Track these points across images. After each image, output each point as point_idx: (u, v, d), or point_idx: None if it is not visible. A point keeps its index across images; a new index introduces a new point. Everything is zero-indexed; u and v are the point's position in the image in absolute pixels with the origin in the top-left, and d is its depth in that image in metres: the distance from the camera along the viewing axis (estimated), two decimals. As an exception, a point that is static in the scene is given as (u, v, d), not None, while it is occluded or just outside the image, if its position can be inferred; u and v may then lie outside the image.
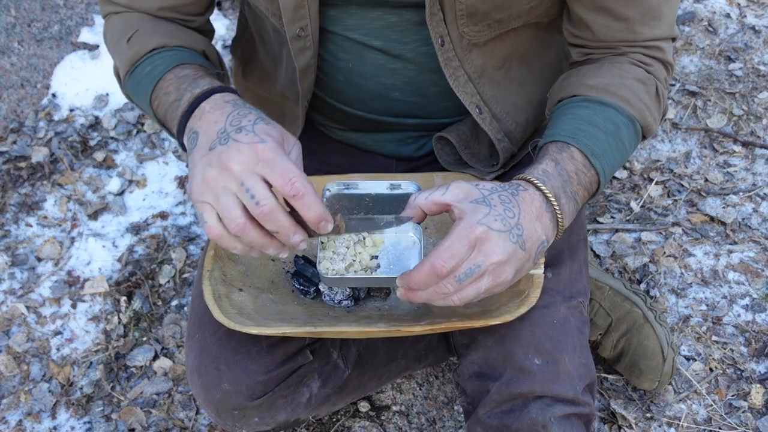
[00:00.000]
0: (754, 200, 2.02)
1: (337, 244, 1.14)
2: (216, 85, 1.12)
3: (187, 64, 1.20)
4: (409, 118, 1.36)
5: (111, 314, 1.82)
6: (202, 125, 1.06)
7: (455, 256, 0.98)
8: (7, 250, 1.94)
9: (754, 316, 1.80)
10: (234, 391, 1.25)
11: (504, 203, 1.02)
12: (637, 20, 1.19)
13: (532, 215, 1.03)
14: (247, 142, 0.99)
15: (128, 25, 1.28)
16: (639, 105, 1.19)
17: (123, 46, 1.25)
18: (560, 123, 1.16)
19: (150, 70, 1.21)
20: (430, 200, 1.06)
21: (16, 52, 2.28)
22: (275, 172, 0.98)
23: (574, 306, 1.24)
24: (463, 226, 0.99)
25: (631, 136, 1.19)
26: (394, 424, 1.65)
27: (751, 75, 2.34)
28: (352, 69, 1.29)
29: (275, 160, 0.98)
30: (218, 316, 1.12)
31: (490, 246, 0.99)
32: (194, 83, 1.14)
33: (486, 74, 1.28)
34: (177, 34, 1.26)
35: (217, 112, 1.06)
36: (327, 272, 1.12)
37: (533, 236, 1.03)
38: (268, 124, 1.04)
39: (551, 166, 1.10)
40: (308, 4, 1.19)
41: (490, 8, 1.18)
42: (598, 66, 1.23)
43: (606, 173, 1.14)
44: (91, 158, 2.14)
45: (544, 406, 1.17)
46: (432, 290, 1.01)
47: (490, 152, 1.38)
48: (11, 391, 1.71)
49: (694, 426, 1.62)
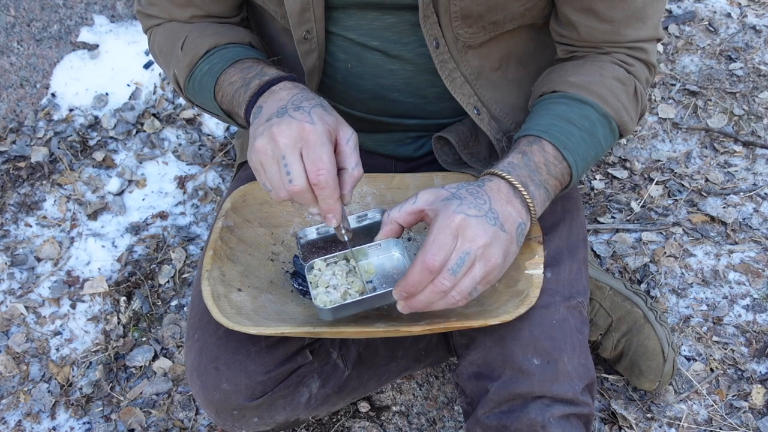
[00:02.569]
0: (754, 200, 2.02)
1: (328, 278, 1.17)
2: (285, 74, 1.18)
3: (245, 59, 1.24)
4: (407, 119, 1.36)
5: (110, 314, 1.82)
6: (267, 102, 1.12)
7: (442, 248, 1.01)
8: (6, 250, 1.94)
9: (754, 317, 1.79)
10: (233, 391, 1.25)
11: (472, 194, 1.06)
12: (622, 22, 1.22)
13: (502, 200, 1.07)
14: (299, 119, 1.05)
15: (175, 35, 1.32)
16: (616, 104, 1.22)
17: (178, 54, 1.29)
18: (536, 118, 1.20)
19: (209, 68, 1.25)
20: (403, 212, 1.09)
21: (16, 51, 2.28)
22: (310, 156, 1.04)
23: (574, 306, 1.24)
24: (441, 219, 1.02)
25: (606, 134, 1.22)
26: (394, 425, 1.64)
27: (752, 75, 2.34)
28: (351, 70, 1.29)
29: (316, 144, 1.04)
30: (217, 317, 1.12)
31: (472, 231, 1.02)
32: (261, 72, 1.19)
33: (483, 75, 1.29)
34: (224, 33, 1.29)
35: (283, 92, 1.12)
36: (325, 305, 1.12)
37: (509, 218, 1.07)
38: (326, 110, 1.08)
39: (518, 158, 1.14)
40: (313, 8, 1.21)
41: (484, 10, 1.19)
42: (580, 63, 1.25)
43: (579, 167, 1.18)
44: (90, 158, 2.14)
45: (543, 407, 1.17)
46: (430, 290, 1.02)
47: (489, 152, 1.38)
48: (10, 392, 1.70)
49: (694, 426, 1.62)
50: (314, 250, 1.24)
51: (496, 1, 1.19)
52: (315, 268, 1.19)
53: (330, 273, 1.17)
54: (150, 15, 1.35)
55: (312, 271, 1.18)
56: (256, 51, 1.29)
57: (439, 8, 1.18)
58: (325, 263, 1.19)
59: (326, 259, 1.19)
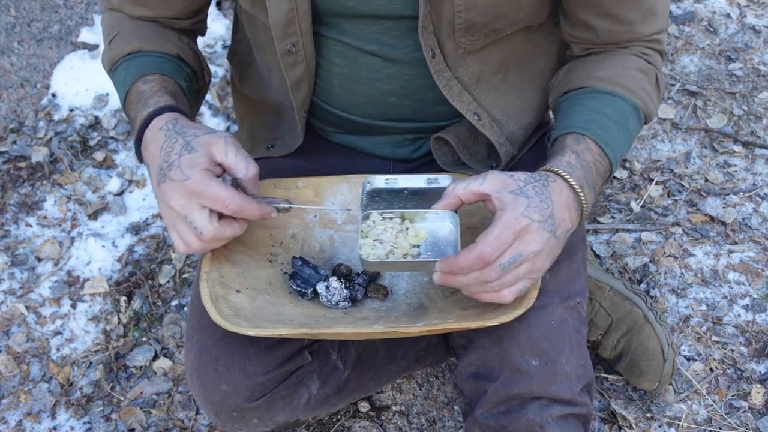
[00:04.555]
0: (754, 200, 2.02)
1: (379, 232, 1.18)
2: (153, 108, 1.21)
3: (148, 75, 1.27)
4: (405, 122, 1.36)
5: (111, 314, 1.83)
6: (148, 159, 1.19)
7: (502, 245, 1.04)
8: (6, 250, 1.94)
9: (754, 316, 1.79)
10: (233, 393, 1.25)
11: (539, 195, 1.08)
12: (638, 21, 1.26)
13: (563, 205, 1.10)
14: (178, 179, 1.10)
15: (113, 27, 1.36)
16: (642, 94, 1.26)
17: (106, 47, 1.35)
18: (573, 115, 1.23)
19: (124, 76, 1.29)
20: (468, 190, 1.11)
21: (16, 51, 2.28)
22: (209, 201, 1.09)
23: (572, 306, 1.24)
24: (509, 217, 1.05)
25: (635, 124, 1.26)
26: (394, 425, 1.65)
27: (752, 75, 2.34)
28: (348, 74, 1.29)
29: (205, 191, 1.09)
30: (215, 318, 1.13)
31: (530, 236, 1.06)
32: (144, 103, 1.23)
33: (483, 80, 1.29)
34: (153, 39, 1.33)
35: (153, 146, 1.16)
36: (368, 256, 1.14)
37: (563, 224, 1.10)
38: (191, 151, 1.12)
39: (573, 158, 1.16)
40: (299, 21, 1.21)
41: (488, 20, 1.21)
42: (601, 59, 1.29)
43: (616, 160, 1.21)
44: (90, 158, 2.14)
45: (542, 407, 1.17)
46: (474, 276, 1.06)
47: (488, 153, 1.38)
48: (11, 392, 1.71)
49: (694, 426, 1.62)
50: (377, 200, 1.26)
51: (500, 11, 1.20)
52: (369, 218, 1.20)
53: (382, 228, 1.18)
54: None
55: (366, 221, 1.19)
56: (176, 65, 1.32)
57: (443, 20, 1.19)
58: (381, 217, 1.20)
59: (383, 213, 1.20)
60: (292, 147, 1.40)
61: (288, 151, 1.41)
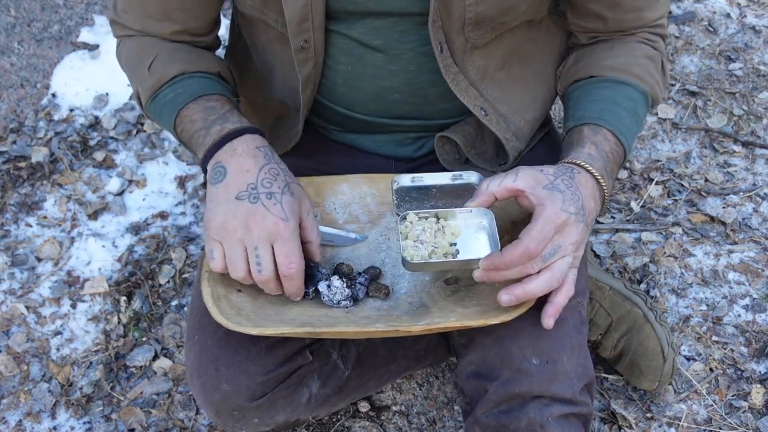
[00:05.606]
0: (754, 200, 2.02)
1: (418, 233, 1.19)
2: (246, 125, 1.21)
3: (210, 96, 1.26)
4: (408, 120, 1.36)
5: (111, 314, 1.83)
6: (232, 165, 1.16)
7: (545, 239, 1.08)
8: (6, 250, 1.94)
9: (754, 316, 1.79)
10: (233, 392, 1.25)
11: (569, 188, 1.12)
12: (644, 8, 1.30)
13: (589, 195, 1.15)
14: (275, 214, 1.12)
15: (145, 51, 1.32)
16: (650, 81, 1.30)
17: (143, 73, 1.30)
18: (587, 105, 1.26)
19: (173, 97, 1.27)
20: (502, 187, 1.13)
21: (16, 52, 2.28)
22: (283, 251, 1.12)
23: (573, 306, 1.24)
24: (549, 213, 1.09)
25: (644, 109, 1.30)
26: (394, 424, 1.65)
27: (752, 75, 2.34)
28: (352, 72, 1.29)
29: (288, 241, 1.12)
30: (217, 317, 1.13)
31: (569, 229, 1.10)
32: (223, 117, 1.22)
33: (488, 75, 1.30)
34: (193, 60, 1.31)
35: (249, 160, 1.16)
36: (412, 258, 1.16)
37: (591, 213, 1.15)
38: (293, 195, 1.14)
39: (593, 149, 1.20)
40: (312, 17, 1.21)
41: (497, 14, 1.22)
42: (609, 47, 1.32)
43: (630, 147, 1.26)
44: (90, 158, 2.14)
45: (542, 406, 1.17)
46: (518, 270, 1.09)
47: (496, 151, 1.39)
48: (11, 391, 1.71)
49: (694, 426, 1.62)
50: (407, 199, 1.28)
51: (508, 5, 1.21)
52: (407, 219, 1.21)
53: (420, 228, 1.20)
54: (124, 25, 1.35)
55: (404, 222, 1.21)
56: (222, 85, 1.31)
57: (453, 15, 1.19)
58: (417, 217, 1.21)
59: (418, 214, 1.21)
60: (288, 146, 1.41)
61: (284, 150, 1.41)
